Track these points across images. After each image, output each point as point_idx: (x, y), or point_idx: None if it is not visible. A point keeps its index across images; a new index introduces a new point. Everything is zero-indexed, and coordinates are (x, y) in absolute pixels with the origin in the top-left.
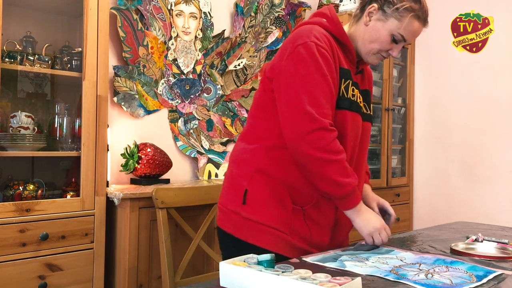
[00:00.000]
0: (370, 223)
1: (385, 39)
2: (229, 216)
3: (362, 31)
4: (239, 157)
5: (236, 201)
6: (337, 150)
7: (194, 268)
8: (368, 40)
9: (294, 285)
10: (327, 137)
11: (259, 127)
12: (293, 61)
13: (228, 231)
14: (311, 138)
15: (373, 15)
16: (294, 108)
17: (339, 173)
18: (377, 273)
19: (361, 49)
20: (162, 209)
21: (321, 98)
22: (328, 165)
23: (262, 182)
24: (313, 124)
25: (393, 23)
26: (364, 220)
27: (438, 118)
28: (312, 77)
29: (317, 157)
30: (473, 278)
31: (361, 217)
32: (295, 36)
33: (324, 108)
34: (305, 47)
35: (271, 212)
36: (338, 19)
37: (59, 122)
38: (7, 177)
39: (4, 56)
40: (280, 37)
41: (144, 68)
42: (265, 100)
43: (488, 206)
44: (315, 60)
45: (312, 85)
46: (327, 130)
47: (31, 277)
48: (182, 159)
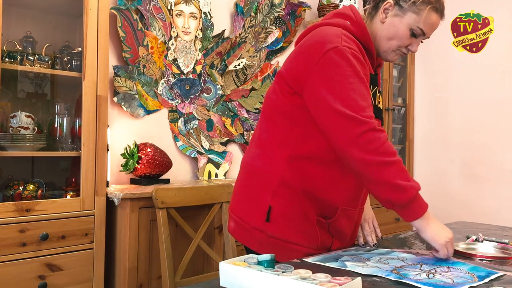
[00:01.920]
0: (443, 233)
1: (404, 34)
2: (253, 234)
3: (378, 28)
4: (255, 166)
5: (258, 218)
6: (392, 152)
7: (194, 268)
8: (386, 37)
9: (294, 285)
10: (379, 138)
11: (277, 133)
12: (327, 67)
13: (253, 249)
14: (362, 141)
15: (389, 11)
16: (336, 116)
17: (399, 176)
18: (378, 273)
19: (379, 47)
20: (162, 209)
21: (361, 101)
22: (385, 168)
23: (286, 196)
24: (361, 126)
25: (411, 17)
26: (437, 230)
27: (438, 118)
28: (349, 81)
29: (372, 160)
30: (474, 278)
31: (432, 226)
32: (321, 40)
33: (367, 111)
34: (337, 52)
35: (297, 228)
36: (363, 22)
37: (59, 122)
38: (7, 177)
39: (4, 56)
40: (280, 37)
41: (144, 68)
42: (284, 104)
43: (488, 206)
44: (350, 64)
45: (351, 89)
46: (377, 130)
47: (31, 277)
48: (182, 159)
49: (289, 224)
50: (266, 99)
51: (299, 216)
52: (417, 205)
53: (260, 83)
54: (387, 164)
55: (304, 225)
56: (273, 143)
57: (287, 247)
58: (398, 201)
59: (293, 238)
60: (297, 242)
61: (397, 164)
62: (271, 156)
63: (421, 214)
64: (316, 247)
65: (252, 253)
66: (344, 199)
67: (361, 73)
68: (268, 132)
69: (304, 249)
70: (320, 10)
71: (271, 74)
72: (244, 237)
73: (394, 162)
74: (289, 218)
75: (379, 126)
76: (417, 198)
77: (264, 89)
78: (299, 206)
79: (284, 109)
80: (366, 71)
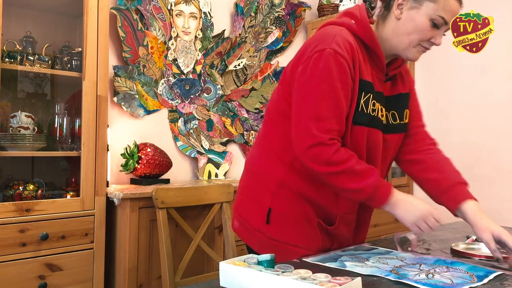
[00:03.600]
0: (411, 211)
1: (424, 25)
2: (254, 234)
3: (394, 26)
4: (257, 167)
5: (259, 219)
6: (340, 161)
7: (194, 268)
8: (405, 33)
9: (294, 285)
10: (326, 152)
11: (278, 135)
12: (307, 69)
13: (255, 249)
14: (311, 154)
15: (403, 5)
16: (298, 121)
17: (351, 181)
18: (377, 273)
19: (398, 46)
20: (162, 209)
21: (325, 112)
22: (336, 177)
23: (285, 198)
24: (311, 139)
25: (429, 7)
26: (403, 211)
27: (438, 118)
28: (320, 88)
29: (322, 171)
30: (473, 278)
31: (398, 209)
32: (316, 39)
33: (326, 123)
34: (322, 54)
35: (296, 230)
36: (367, 22)
37: (59, 122)
38: (7, 177)
39: (4, 56)
40: (280, 37)
41: (144, 68)
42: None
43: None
44: (328, 71)
45: (319, 97)
46: (325, 145)
47: (31, 277)
48: (182, 159)
49: (289, 226)
50: (271, 100)
51: (299, 218)
52: (378, 196)
53: (260, 83)
54: (337, 173)
55: (305, 227)
56: (274, 145)
57: (287, 249)
58: (358, 200)
59: (293, 240)
60: (297, 244)
61: (347, 171)
62: (272, 158)
63: (383, 202)
64: (316, 249)
65: (253, 253)
66: (342, 205)
67: (335, 82)
68: (270, 133)
69: (304, 251)
70: (320, 10)
71: (271, 74)
72: (246, 237)
73: (343, 171)
74: (289, 220)
75: (330, 140)
76: (375, 192)
77: (264, 89)
78: (299, 208)
79: (285, 110)
80: (350, 78)
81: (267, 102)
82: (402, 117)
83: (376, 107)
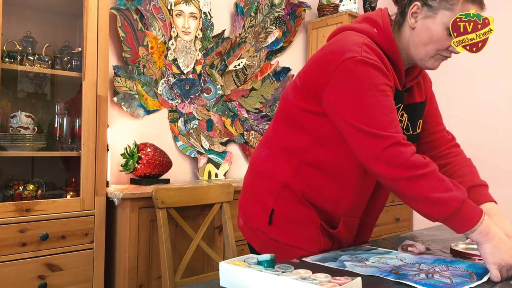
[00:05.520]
0: (501, 251)
1: (440, 35)
2: (256, 233)
3: (410, 36)
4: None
5: (261, 219)
6: (421, 163)
7: (194, 268)
8: (421, 44)
9: (294, 285)
10: (404, 152)
11: (287, 137)
12: (343, 79)
13: (256, 249)
14: (386, 156)
15: (418, 14)
16: (355, 132)
17: (435, 188)
18: (377, 273)
19: (415, 57)
20: (162, 209)
21: (381, 117)
22: (416, 183)
23: (289, 200)
24: (384, 141)
25: (444, 15)
26: (492, 247)
27: None
28: (367, 95)
29: (401, 176)
30: (473, 277)
31: (489, 241)
32: (340, 48)
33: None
34: (355, 62)
35: (298, 231)
36: (390, 32)
37: (59, 122)
38: (7, 177)
39: (4, 56)
40: (280, 37)
41: (144, 68)
42: (298, 108)
43: None
44: (369, 75)
45: (368, 104)
46: (402, 145)
47: (31, 277)
48: (182, 159)
49: (291, 227)
50: (282, 99)
51: (302, 220)
52: (463, 217)
53: (260, 83)
54: (418, 177)
55: (307, 229)
56: (282, 146)
57: (288, 250)
58: (439, 215)
59: (295, 241)
60: (298, 245)
61: (431, 176)
62: (279, 160)
63: (470, 226)
64: (317, 251)
65: (255, 252)
66: (345, 211)
67: (382, 86)
68: (279, 134)
69: (305, 252)
70: (320, 10)
71: (271, 74)
72: (249, 235)
73: (425, 174)
74: (291, 221)
75: (404, 140)
76: (462, 210)
77: (264, 89)
78: (302, 210)
79: (297, 114)
80: (391, 82)
81: (267, 102)
82: (415, 127)
83: (403, 118)
